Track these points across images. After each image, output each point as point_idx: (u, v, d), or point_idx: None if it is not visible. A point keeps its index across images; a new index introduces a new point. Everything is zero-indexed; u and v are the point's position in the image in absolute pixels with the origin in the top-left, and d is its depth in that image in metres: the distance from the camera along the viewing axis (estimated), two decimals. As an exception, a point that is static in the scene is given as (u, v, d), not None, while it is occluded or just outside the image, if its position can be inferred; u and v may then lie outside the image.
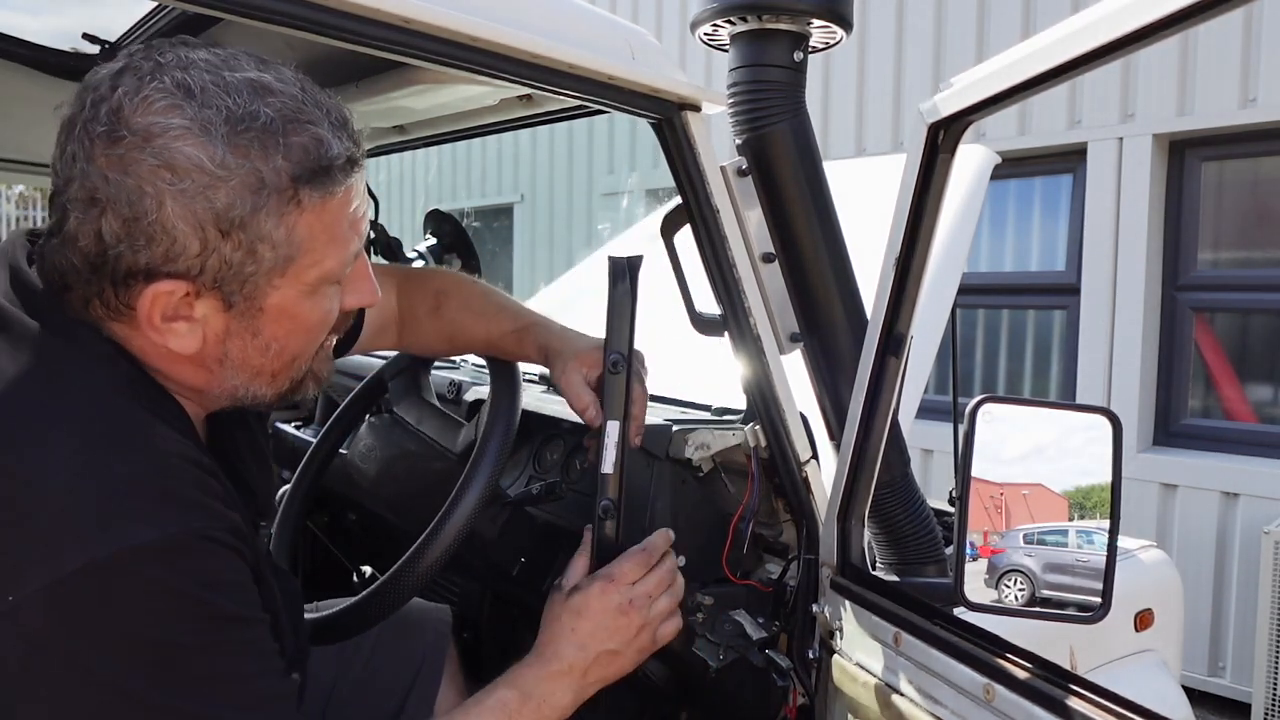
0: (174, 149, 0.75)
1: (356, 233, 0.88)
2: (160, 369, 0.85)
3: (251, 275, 0.81)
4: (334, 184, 0.82)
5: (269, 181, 0.78)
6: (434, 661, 1.38)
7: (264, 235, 0.79)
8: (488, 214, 9.08)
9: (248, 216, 0.77)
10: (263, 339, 0.86)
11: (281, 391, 0.92)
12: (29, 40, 1.64)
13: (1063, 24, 0.80)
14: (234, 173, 0.76)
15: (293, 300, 0.85)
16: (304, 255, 0.83)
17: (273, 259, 0.81)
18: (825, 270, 1.31)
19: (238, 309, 0.83)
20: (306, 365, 0.93)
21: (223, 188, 0.76)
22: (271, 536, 1.01)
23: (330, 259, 0.85)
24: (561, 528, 1.45)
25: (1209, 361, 3.94)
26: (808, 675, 1.23)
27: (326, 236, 0.84)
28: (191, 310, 0.81)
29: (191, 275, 0.78)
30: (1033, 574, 1.00)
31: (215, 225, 0.77)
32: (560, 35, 1.09)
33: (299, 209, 0.80)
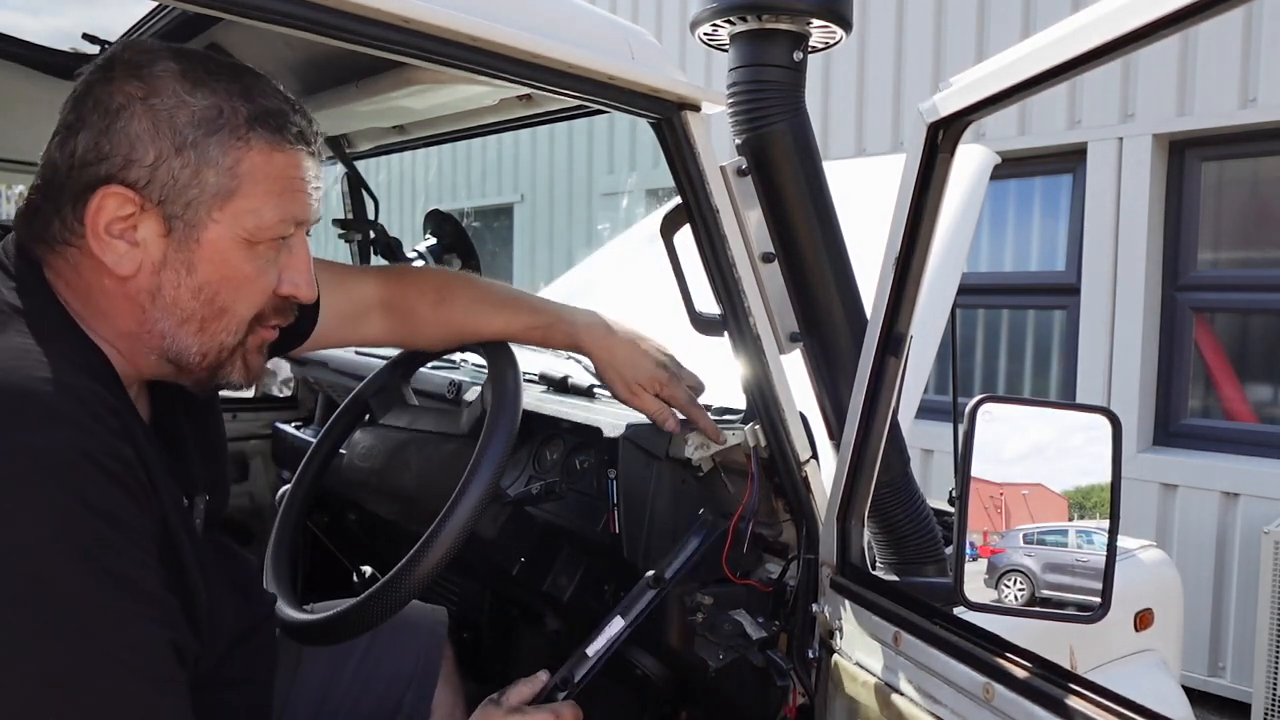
0: (156, 76, 0.87)
1: (300, 200, 0.94)
2: (100, 307, 0.89)
3: (194, 199, 0.88)
4: (283, 139, 0.91)
5: (227, 115, 0.88)
6: (430, 662, 1.38)
7: (211, 160, 0.87)
8: (488, 214, 9.08)
9: (201, 139, 0.87)
10: (196, 278, 0.90)
11: (208, 353, 0.94)
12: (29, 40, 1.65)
13: (1063, 24, 0.80)
14: (199, 101, 0.87)
15: (228, 243, 0.90)
16: (243, 195, 0.89)
17: (215, 186, 0.88)
18: (825, 270, 1.31)
19: (176, 236, 0.88)
20: (239, 336, 0.95)
21: (185, 110, 0.87)
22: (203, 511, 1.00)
23: (268, 212, 0.91)
24: (561, 528, 1.45)
25: (1209, 361, 3.94)
26: (808, 675, 1.23)
27: (267, 185, 0.90)
28: (135, 233, 0.87)
29: (140, 186, 0.86)
30: (1033, 574, 1.00)
31: (171, 141, 0.86)
32: (560, 35, 1.09)
33: (247, 146, 0.89)
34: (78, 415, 0.77)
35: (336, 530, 2.07)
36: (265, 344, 1.01)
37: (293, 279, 0.97)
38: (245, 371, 0.99)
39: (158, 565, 0.81)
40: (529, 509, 1.44)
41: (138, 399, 0.97)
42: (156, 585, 0.79)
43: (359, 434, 1.59)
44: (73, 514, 0.73)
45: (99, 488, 0.75)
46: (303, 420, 2.46)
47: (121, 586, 0.75)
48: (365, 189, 2.23)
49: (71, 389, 0.78)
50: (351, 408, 1.55)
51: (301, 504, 1.54)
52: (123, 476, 0.77)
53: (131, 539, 0.77)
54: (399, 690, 1.35)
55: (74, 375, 0.80)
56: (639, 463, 1.30)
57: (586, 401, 1.65)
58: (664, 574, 1.18)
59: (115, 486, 0.77)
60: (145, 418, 0.98)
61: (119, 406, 0.83)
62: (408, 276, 1.40)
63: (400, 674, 1.36)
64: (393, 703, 1.34)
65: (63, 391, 0.78)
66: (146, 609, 0.77)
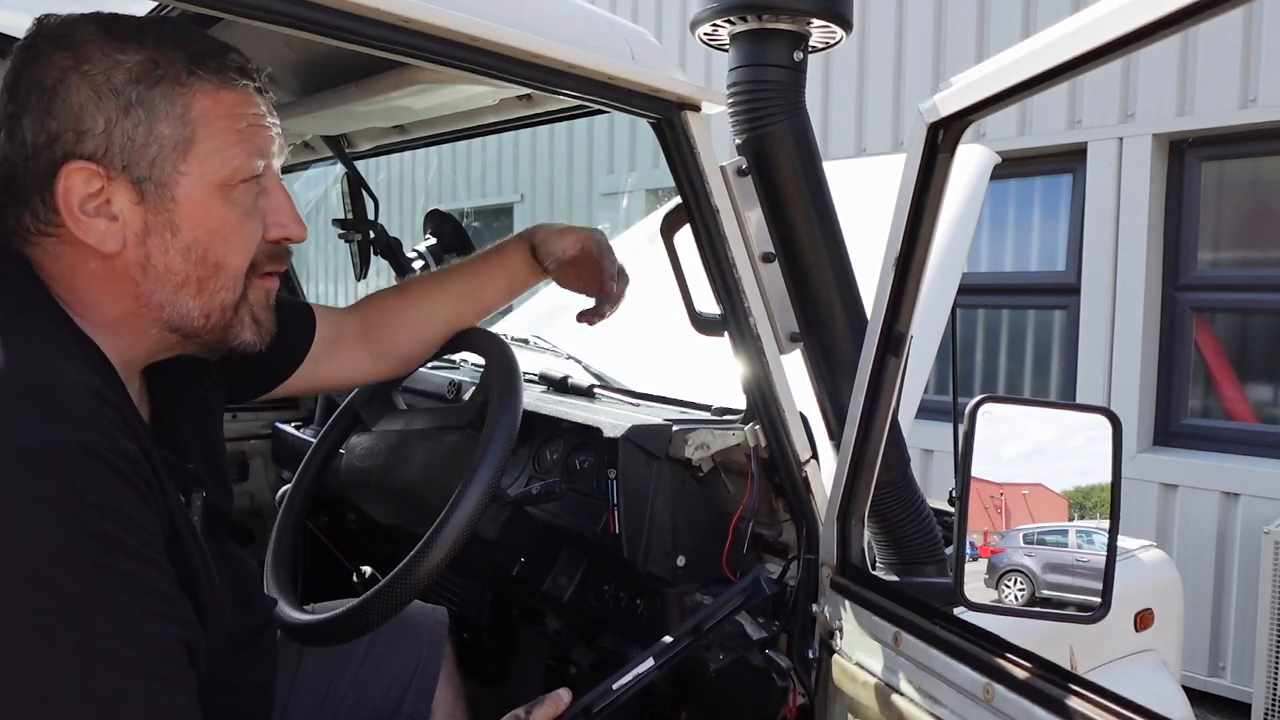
0: (81, 42, 0.85)
1: (261, 135, 0.92)
2: (91, 294, 0.88)
3: (156, 157, 0.86)
4: (227, 78, 0.89)
5: (163, 65, 0.86)
6: (431, 662, 1.38)
7: (160, 112, 0.85)
8: (488, 214, 9.07)
9: (144, 93, 0.85)
10: (182, 238, 0.88)
11: (212, 313, 0.92)
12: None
13: (1063, 24, 0.79)
14: (131, 57, 0.85)
15: (204, 194, 0.88)
16: (203, 139, 0.87)
17: (172, 137, 0.86)
18: (825, 270, 1.31)
19: (151, 199, 0.86)
20: (238, 288, 0.93)
21: (120, 69, 0.84)
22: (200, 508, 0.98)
23: (233, 149, 0.89)
24: (561, 528, 1.45)
25: (1209, 361, 3.94)
26: (808, 675, 1.23)
27: (225, 124, 0.88)
28: (110, 207, 0.86)
29: (99, 156, 0.84)
30: (1033, 574, 1.00)
31: (115, 103, 0.84)
32: (560, 35, 1.09)
33: (191, 91, 0.87)
34: (78, 410, 0.76)
35: (336, 530, 2.07)
36: (270, 294, 0.99)
37: (279, 220, 0.96)
38: (257, 328, 0.97)
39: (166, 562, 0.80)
40: (529, 509, 1.44)
41: (139, 396, 0.96)
42: (163, 581, 0.78)
43: (357, 435, 1.59)
44: (73, 510, 0.72)
45: (101, 483, 0.74)
46: (302, 420, 2.45)
47: (125, 583, 0.74)
48: (365, 189, 2.22)
49: (70, 384, 0.77)
50: (343, 417, 1.55)
51: (301, 504, 1.54)
52: (126, 471, 0.76)
53: (136, 534, 0.76)
54: (400, 690, 1.35)
55: (72, 370, 0.79)
56: (639, 463, 1.30)
57: (586, 401, 1.65)
58: (704, 625, 1.18)
59: (119, 481, 0.75)
60: (146, 412, 0.97)
61: (118, 401, 0.82)
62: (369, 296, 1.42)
63: (401, 674, 1.36)
64: (393, 702, 1.34)
65: (61, 386, 0.77)
66: (152, 605, 0.76)
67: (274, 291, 1.00)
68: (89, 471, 0.74)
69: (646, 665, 1.14)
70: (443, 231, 2.18)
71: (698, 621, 1.18)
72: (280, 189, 0.97)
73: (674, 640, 1.17)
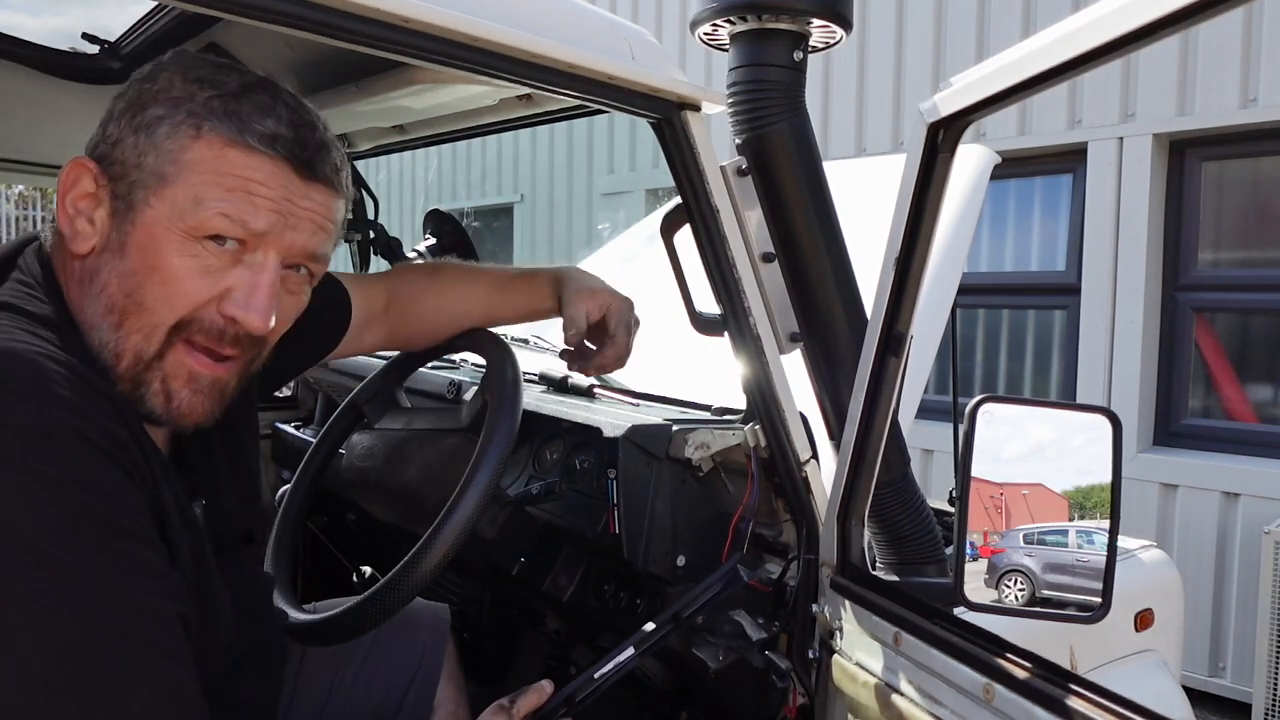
0: (168, 69, 0.88)
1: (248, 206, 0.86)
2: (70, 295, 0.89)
3: (136, 181, 0.86)
4: (241, 137, 0.86)
5: (190, 105, 0.86)
6: (432, 659, 1.38)
7: (156, 143, 0.86)
8: (488, 214, 9.08)
9: (155, 121, 0.86)
10: (125, 263, 0.86)
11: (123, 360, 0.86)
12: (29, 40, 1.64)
13: (1063, 24, 0.79)
14: (176, 90, 0.87)
15: (162, 230, 0.85)
16: (181, 184, 0.85)
17: (154, 167, 0.86)
18: (825, 270, 1.31)
19: (118, 217, 0.87)
20: (158, 342, 0.86)
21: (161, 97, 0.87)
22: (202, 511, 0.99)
23: (211, 206, 0.85)
24: (561, 528, 1.45)
25: (1209, 361, 3.94)
26: (808, 675, 1.23)
27: (214, 179, 0.85)
28: (95, 210, 0.88)
29: (102, 162, 0.88)
30: (1033, 574, 1.00)
31: (132, 121, 0.87)
32: (560, 35, 1.09)
33: (196, 135, 0.86)
34: (69, 397, 0.77)
35: (336, 530, 2.07)
36: (194, 377, 0.89)
37: (243, 299, 0.87)
38: (165, 400, 0.88)
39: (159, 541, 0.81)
40: (529, 509, 1.44)
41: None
42: (158, 559, 0.79)
43: (357, 435, 1.59)
44: (67, 489, 0.73)
45: (93, 464, 0.75)
46: (302, 420, 2.45)
47: (122, 560, 0.75)
48: (365, 189, 2.22)
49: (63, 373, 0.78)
50: (346, 414, 1.55)
51: (301, 504, 1.54)
52: (117, 454, 0.77)
53: (130, 515, 0.77)
54: (402, 688, 1.35)
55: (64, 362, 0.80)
56: (639, 463, 1.30)
57: (586, 401, 1.65)
58: (682, 612, 1.19)
59: (111, 464, 0.76)
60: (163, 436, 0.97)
61: (111, 393, 0.83)
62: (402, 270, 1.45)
63: (403, 672, 1.36)
64: (396, 700, 1.34)
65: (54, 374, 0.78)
66: (149, 582, 0.77)
67: (206, 378, 0.90)
68: (84, 455, 0.75)
69: (627, 654, 1.15)
70: (443, 231, 2.18)
71: (677, 609, 1.19)
72: (268, 273, 0.89)
73: (654, 628, 1.18)
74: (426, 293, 1.41)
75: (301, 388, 2.58)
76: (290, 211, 0.89)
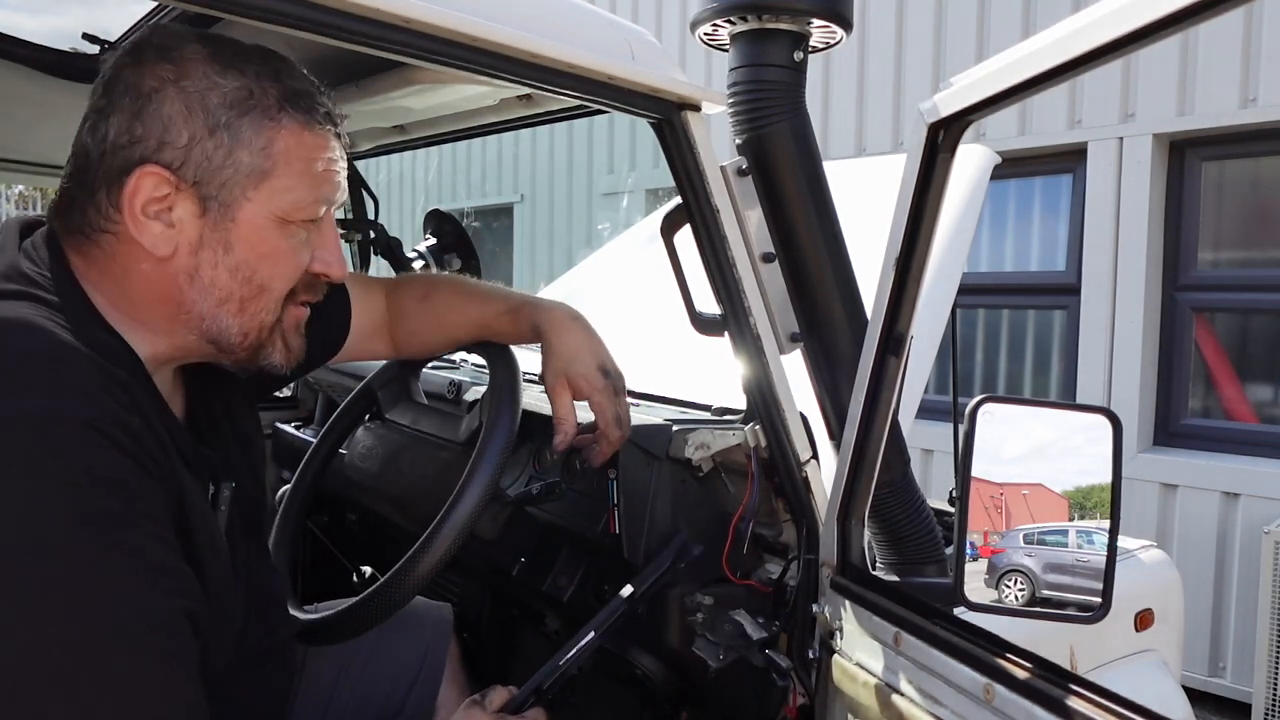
0: (186, 59, 0.88)
1: (329, 180, 0.95)
2: (137, 292, 0.90)
3: (229, 180, 0.88)
4: (313, 118, 0.92)
5: (257, 96, 0.89)
6: (435, 659, 1.38)
7: (244, 141, 0.88)
8: (488, 214, 9.08)
9: (234, 120, 0.88)
10: (233, 257, 0.91)
11: (249, 333, 0.94)
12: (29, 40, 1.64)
13: (1063, 24, 0.79)
14: (230, 83, 0.88)
15: (263, 221, 0.91)
16: (278, 174, 0.90)
17: (250, 166, 0.89)
18: (825, 270, 1.31)
19: (212, 215, 0.89)
20: (276, 312, 0.96)
21: (216, 92, 0.87)
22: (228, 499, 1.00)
23: (301, 190, 0.92)
24: (561, 528, 1.45)
25: (1209, 361, 3.94)
26: (808, 675, 1.23)
27: (301, 165, 0.92)
28: (170, 214, 0.88)
29: (175, 167, 0.87)
30: (1033, 574, 1.00)
31: (204, 122, 0.87)
32: (560, 35, 1.09)
33: (279, 126, 0.90)
34: (83, 385, 0.77)
35: (336, 530, 2.07)
36: (301, 323, 1.01)
37: (324, 257, 0.99)
38: (286, 352, 0.99)
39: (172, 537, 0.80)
40: (529, 509, 1.44)
41: (173, 389, 0.97)
42: (166, 554, 0.79)
43: (360, 433, 1.59)
44: (72, 480, 0.73)
45: (103, 455, 0.75)
46: (303, 420, 2.46)
47: (126, 554, 0.75)
48: (365, 189, 2.23)
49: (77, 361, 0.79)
50: (359, 400, 1.55)
51: (301, 504, 1.55)
52: (129, 446, 0.77)
53: (138, 508, 0.77)
54: (405, 686, 1.35)
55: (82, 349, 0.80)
56: (639, 463, 1.30)
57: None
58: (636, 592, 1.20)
59: (122, 455, 0.76)
60: (180, 406, 0.99)
61: (130, 382, 0.83)
62: (401, 282, 1.43)
63: (406, 671, 1.36)
64: (398, 699, 1.35)
65: (68, 362, 0.78)
66: (154, 576, 0.76)
67: (304, 319, 1.02)
68: (92, 445, 0.75)
69: (588, 637, 1.17)
70: (443, 231, 2.18)
71: (632, 591, 1.20)
72: (332, 228, 1.00)
73: (610, 609, 1.19)
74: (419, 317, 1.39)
75: (301, 388, 2.58)
76: (340, 172, 0.97)
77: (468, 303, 1.37)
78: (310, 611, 1.28)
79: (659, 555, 1.24)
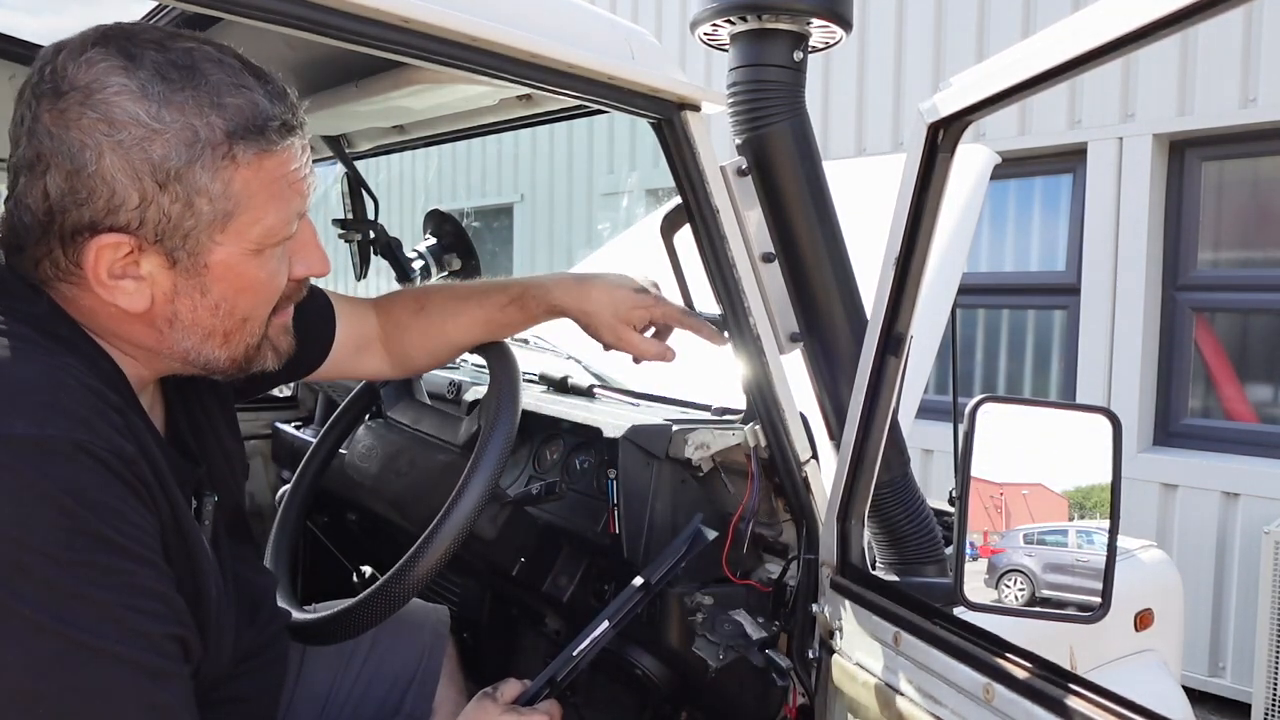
0: (112, 103, 0.78)
1: (298, 193, 0.90)
2: (110, 328, 0.87)
3: (192, 230, 0.83)
4: (269, 143, 0.85)
5: (203, 136, 0.81)
6: (432, 661, 1.38)
7: (200, 188, 0.82)
8: (488, 214, 9.08)
9: (183, 169, 0.81)
10: (211, 298, 0.88)
11: (237, 357, 0.94)
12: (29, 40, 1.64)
13: (1063, 24, 0.80)
14: (169, 127, 0.80)
15: (237, 259, 0.87)
16: (244, 212, 0.85)
17: (211, 213, 0.83)
18: (825, 270, 1.31)
19: (182, 265, 0.85)
20: (261, 331, 0.95)
21: (158, 140, 0.79)
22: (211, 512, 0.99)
23: (271, 216, 0.87)
24: (561, 528, 1.45)
25: (1209, 361, 3.94)
26: (808, 675, 1.23)
27: (265, 194, 0.86)
28: (138, 268, 0.83)
29: (132, 229, 0.81)
30: (1033, 574, 1.00)
31: (152, 177, 0.80)
32: (560, 35, 1.09)
33: (234, 164, 0.83)
34: (76, 409, 0.76)
35: (336, 530, 2.07)
36: (287, 325, 1.00)
37: (304, 260, 0.97)
38: (276, 355, 0.98)
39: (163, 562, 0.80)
40: (529, 509, 1.44)
41: (152, 402, 0.96)
42: (156, 580, 0.78)
43: (361, 431, 1.59)
44: (64, 505, 0.71)
45: (95, 480, 0.74)
46: (303, 420, 2.46)
47: (113, 580, 0.74)
48: (365, 189, 2.22)
49: (70, 384, 0.77)
50: (363, 395, 1.55)
51: (301, 503, 1.55)
52: (122, 471, 0.76)
53: (128, 533, 0.75)
54: (401, 689, 1.35)
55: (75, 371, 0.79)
56: (639, 463, 1.30)
57: (586, 401, 1.65)
58: (651, 579, 1.18)
59: (114, 480, 0.75)
60: (160, 419, 0.98)
61: (122, 405, 0.82)
62: (392, 298, 1.40)
63: (403, 673, 1.36)
64: (395, 701, 1.34)
65: (62, 386, 0.77)
66: (141, 602, 0.75)
67: (290, 320, 1.00)
68: (83, 469, 0.73)
69: (602, 628, 1.15)
70: (443, 231, 2.18)
71: (646, 578, 1.18)
72: (307, 226, 0.96)
73: (624, 599, 1.17)
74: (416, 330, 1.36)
75: (301, 388, 2.58)
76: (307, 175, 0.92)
77: (466, 305, 1.34)
78: (309, 612, 1.28)
79: (673, 542, 1.23)
